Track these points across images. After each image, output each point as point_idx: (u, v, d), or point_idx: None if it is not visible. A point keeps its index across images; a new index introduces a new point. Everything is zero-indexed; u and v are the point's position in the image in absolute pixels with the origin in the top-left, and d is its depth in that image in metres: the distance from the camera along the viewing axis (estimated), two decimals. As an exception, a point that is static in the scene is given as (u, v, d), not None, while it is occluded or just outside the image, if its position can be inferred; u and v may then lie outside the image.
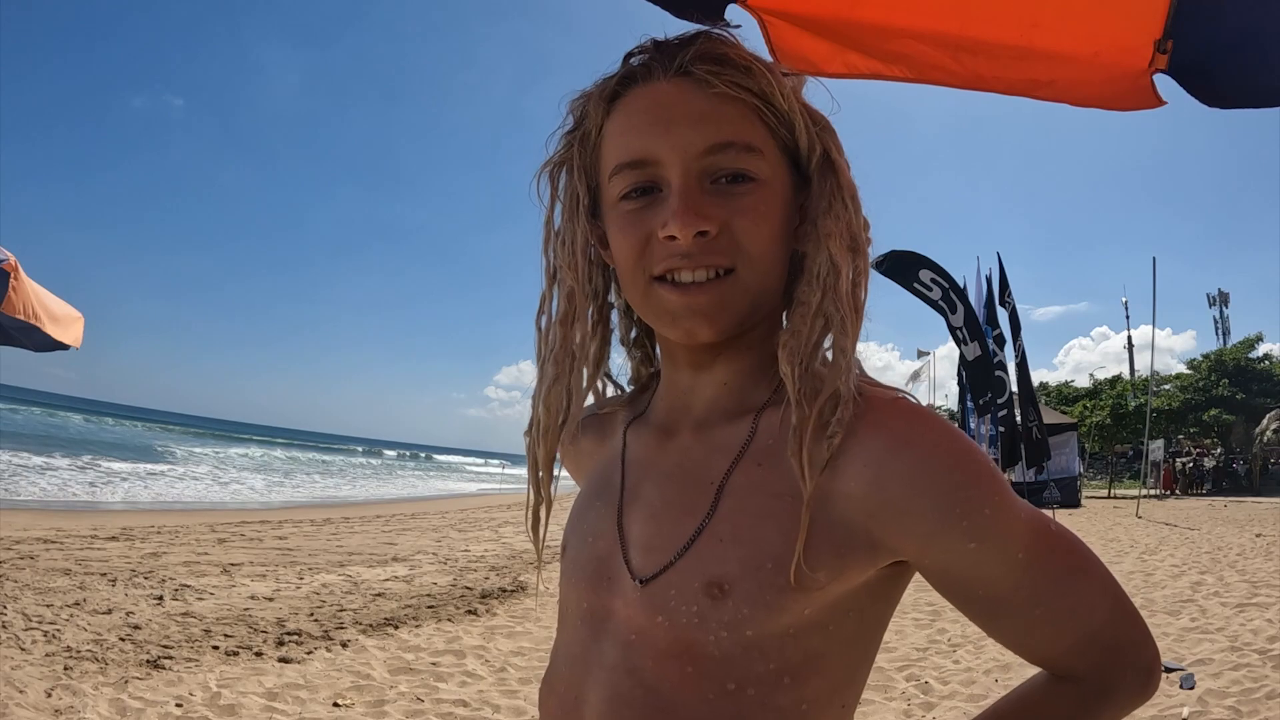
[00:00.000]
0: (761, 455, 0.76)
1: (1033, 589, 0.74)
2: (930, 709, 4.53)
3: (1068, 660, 0.77)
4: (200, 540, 10.91)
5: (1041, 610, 0.74)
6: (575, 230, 0.84)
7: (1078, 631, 0.76)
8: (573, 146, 0.85)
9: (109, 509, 15.83)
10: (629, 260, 0.78)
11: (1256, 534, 14.13)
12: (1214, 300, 58.86)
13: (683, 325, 0.77)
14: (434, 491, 33.99)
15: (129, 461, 29.09)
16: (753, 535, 0.72)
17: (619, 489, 0.85)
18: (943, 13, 1.29)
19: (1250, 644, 5.73)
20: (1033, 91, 1.34)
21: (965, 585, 0.74)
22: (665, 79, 0.78)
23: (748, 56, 0.78)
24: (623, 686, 0.74)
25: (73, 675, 4.62)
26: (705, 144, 0.75)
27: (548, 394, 0.86)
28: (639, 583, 0.76)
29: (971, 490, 0.70)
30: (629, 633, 0.76)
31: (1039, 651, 0.78)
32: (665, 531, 0.77)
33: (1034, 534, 0.74)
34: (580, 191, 0.84)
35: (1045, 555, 0.74)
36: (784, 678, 0.71)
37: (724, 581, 0.71)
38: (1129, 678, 0.77)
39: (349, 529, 13.80)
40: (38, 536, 9.98)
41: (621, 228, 0.79)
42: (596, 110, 0.82)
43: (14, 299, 4.47)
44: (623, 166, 0.78)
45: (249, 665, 5.09)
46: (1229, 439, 36.52)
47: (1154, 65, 1.27)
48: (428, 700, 4.57)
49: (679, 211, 0.73)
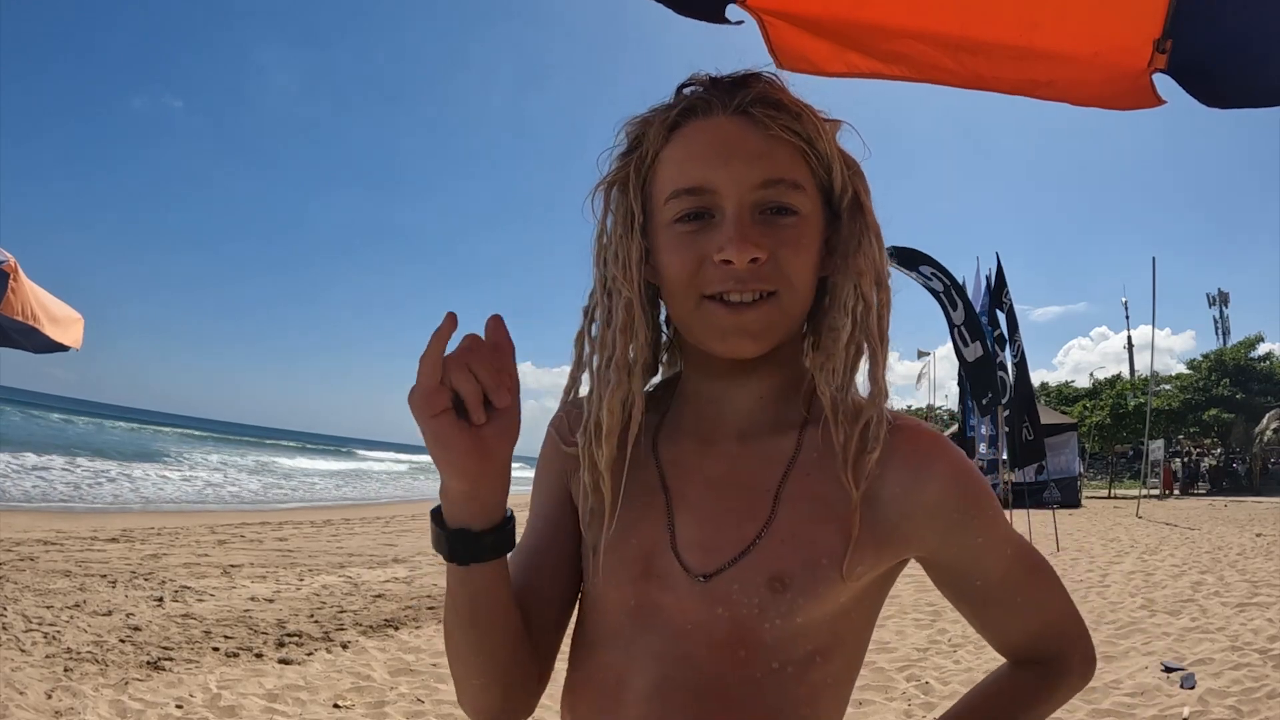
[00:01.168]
0: (810, 467, 0.87)
1: (1015, 581, 0.91)
2: (931, 709, 4.53)
3: (1033, 646, 0.94)
4: (200, 542, 10.92)
5: (1020, 599, 0.92)
6: (631, 245, 0.89)
7: (1043, 619, 0.93)
8: (629, 167, 0.90)
9: (109, 511, 15.83)
10: (681, 278, 0.85)
11: (1257, 533, 14.14)
12: (1214, 300, 58.89)
13: (730, 341, 0.84)
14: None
15: (129, 463, 29.05)
16: (810, 536, 0.83)
17: (663, 492, 0.91)
18: (943, 13, 1.29)
19: (1251, 643, 5.73)
20: (1032, 91, 1.35)
21: (967, 576, 0.89)
22: (725, 115, 0.85)
23: (800, 103, 0.86)
24: (673, 671, 0.83)
25: (73, 677, 4.62)
26: (760, 179, 0.83)
27: (611, 399, 0.89)
28: (701, 579, 0.84)
29: (982, 497, 0.86)
30: (683, 624, 0.84)
31: (1011, 638, 0.95)
32: (724, 533, 0.85)
33: (1017, 539, 0.91)
34: (635, 210, 0.89)
35: (1024, 557, 0.91)
36: (816, 656, 0.83)
37: (785, 576, 0.81)
38: (1076, 664, 0.95)
39: (349, 530, 13.81)
40: (38, 538, 9.98)
41: (676, 248, 0.85)
42: (657, 136, 0.88)
43: (13, 300, 4.47)
44: (681, 192, 0.84)
45: (249, 667, 5.09)
46: (1229, 439, 36.51)
47: (1153, 65, 1.27)
48: (428, 701, 4.57)
49: (736, 239, 0.81)
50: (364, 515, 17.72)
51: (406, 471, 53.85)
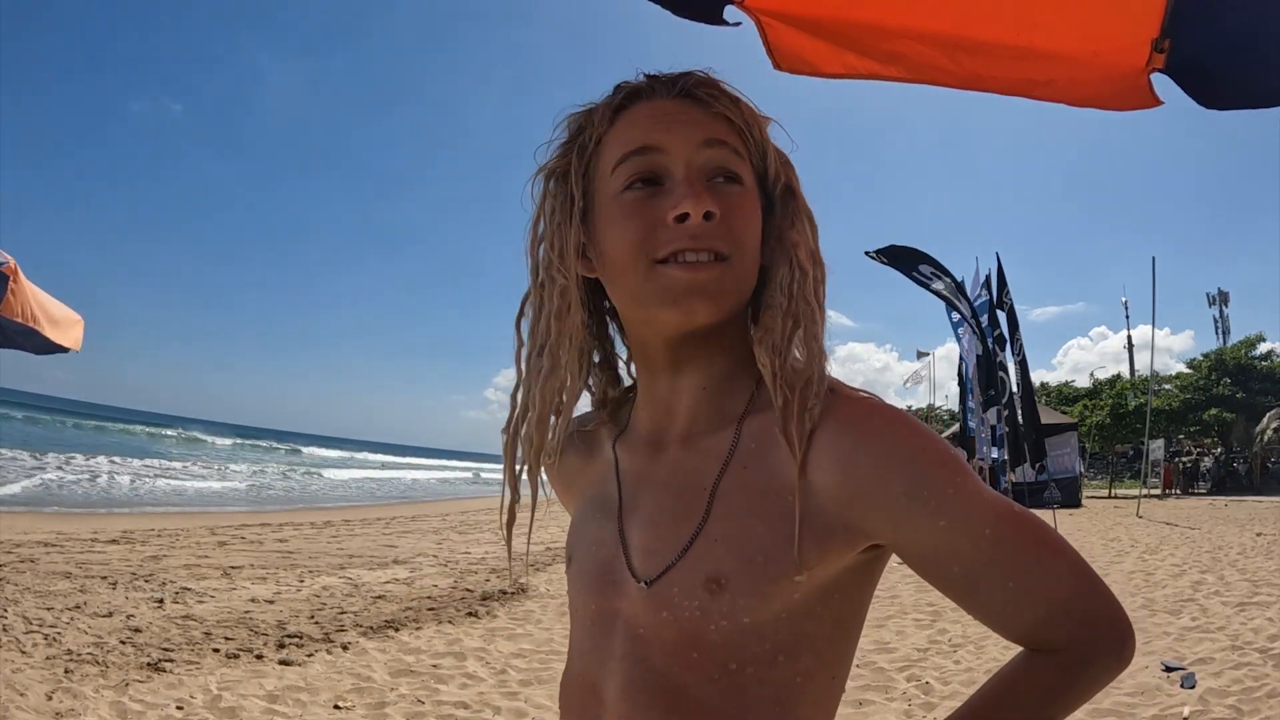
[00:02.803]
0: (747, 458, 0.84)
1: (1003, 563, 0.79)
2: (931, 709, 4.53)
3: (1043, 633, 0.81)
4: (201, 543, 10.92)
5: (1014, 583, 0.79)
6: (569, 231, 0.89)
7: (1049, 603, 0.80)
8: (570, 154, 0.90)
9: (109, 512, 15.82)
10: (631, 245, 0.83)
11: (1257, 533, 14.14)
12: (1214, 300, 58.81)
13: (684, 304, 0.82)
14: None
15: (127, 465, 29.06)
16: (744, 532, 0.80)
17: (617, 500, 0.92)
18: (941, 13, 1.29)
19: (1251, 643, 5.73)
20: (1030, 91, 1.35)
21: (940, 562, 0.80)
22: (667, 97, 0.86)
23: (735, 91, 0.87)
24: (635, 674, 0.82)
25: (73, 678, 4.62)
26: (703, 136, 0.83)
27: (544, 384, 0.90)
28: (644, 584, 0.83)
29: (935, 473, 0.77)
30: (637, 628, 0.83)
31: (1015, 625, 0.82)
32: (664, 536, 0.85)
33: (998, 513, 0.79)
34: (576, 195, 0.89)
35: (1011, 532, 0.79)
36: (778, 655, 0.79)
37: (721, 576, 0.79)
38: (1103, 647, 0.81)
39: (349, 532, 13.80)
40: (38, 540, 9.99)
41: (626, 214, 0.84)
42: (601, 120, 0.88)
43: (13, 302, 4.47)
44: (629, 155, 0.84)
45: (249, 668, 5.09)
46: (1229, 438, 36.49)
47: (1151, 65, 1.27)
48: (428, 702, 4.57)
49: (691, 193, 0.80)
50: (364, 516, 17.71)
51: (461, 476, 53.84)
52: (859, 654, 5.61)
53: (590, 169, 0.89)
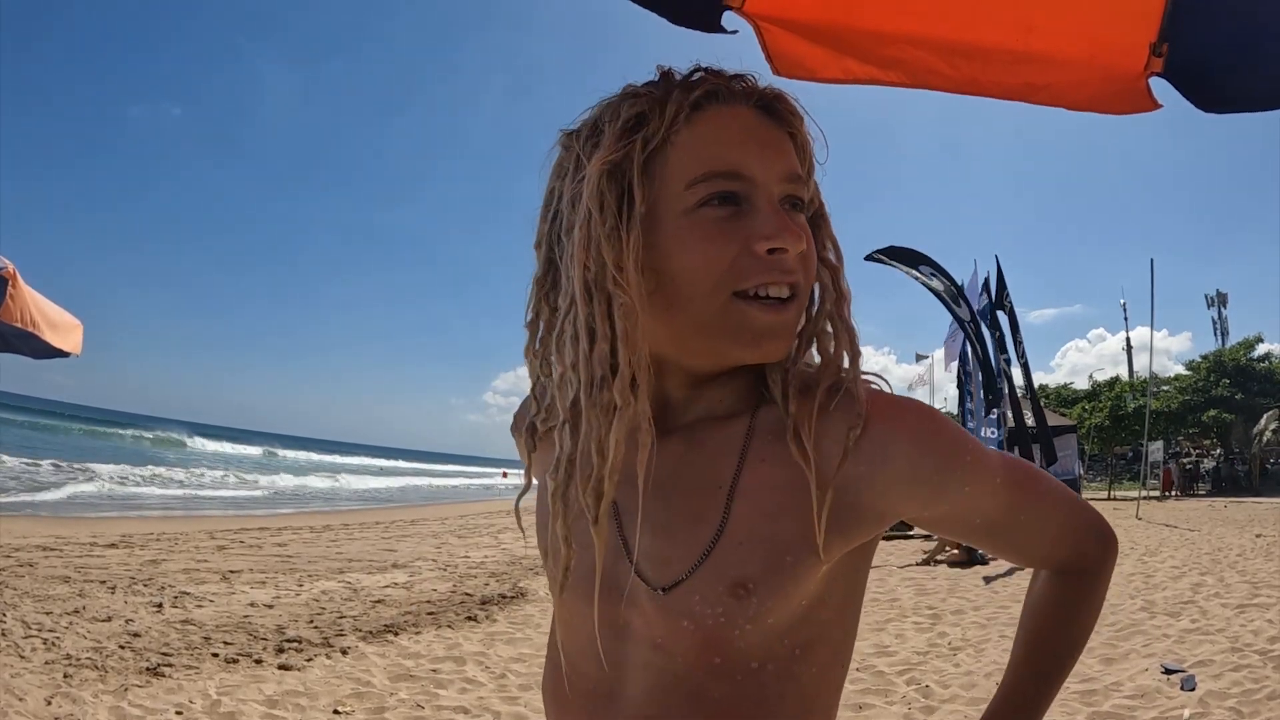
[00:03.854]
0: (765, 453, 0.81)
1: (1015, 503, 0.87)
2: (931, 713, 4.52)
3: (1055, 551, 0.93)
4: (199, 547, 10.90)
5: (1026, 516, 0.89)
6: (631, 237, 0.76)
7: (1056, 525, 0.92)
8: (632, 148, 0.77)
9: (108, 516, 15.80)
10: (713, 272, 0.76)
11: (1256, 534, 14.13)
12: (1212, 301, 58.82)
13: (763, 345, 0.78)
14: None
15: (125, 469, 29.03)
16: (770, 533, 0.78)
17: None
18: (939, 18, 1.30)
19: (1251, 645, 5.72)
20: (1028, 95, 1.35)
21: (965, 520, 0.86)
22: (747, 105, 0.81)
23: (803, 110, 0.84)
24: (657, 681, 0.80)
25: (72, 683, 4.61)
26: (787, 171, 0.80)
27: (616, 429, 0.77)
28: (660, 592, 0.79)
29: (955, 447, 0.81)
30: (654, 637, 0.80)
31: (1033, 551, 0.94)
32: (678, 543, 0.80)
33: (1004, 463, 0.87)
34: (639, 197, 0.77)
35: (1017, 475, 0.88)
36: (796, 650, 0.79)
37: (748, 581, 0.76)
38: (1099, 548, 0.95)
39: (348, 535, 13.79)
40: (37, 544, 9.97)
41: (707, 236, 0.76)
42: (675, 117, 0.78)
43: (12, 306, 4.47)
44: (715, 175, 0.76)
45: (249, 672, 5.08)
46: (1229, 440, 36.50)
47: (1149, 68, 1.27)
48: (428, 707, 4.56)
49: (786, 225, 0.76)
50: (363, 520, 17.70)
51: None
52: (859, 657, 5.62)
53: (653, 169, 0.78)
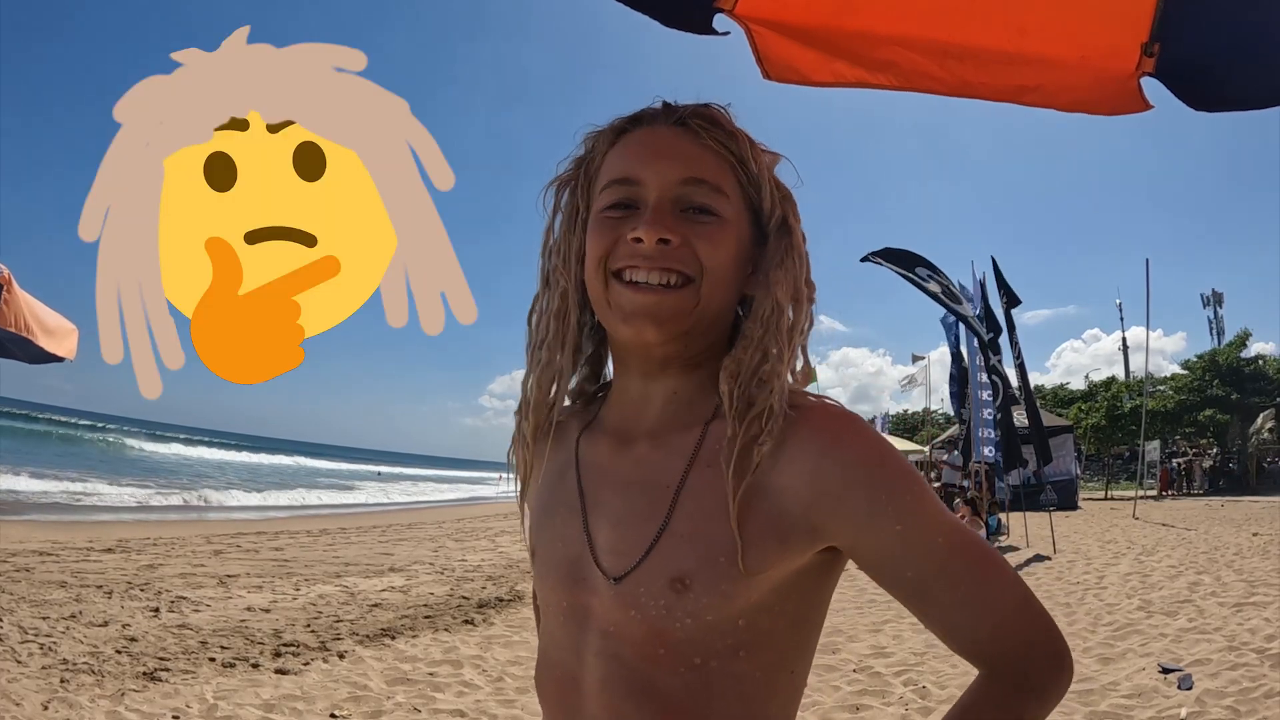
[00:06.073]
0: (711, 459, 0.88)
1: (953, 574, 0.84)
2: (928, 714, 4.52)
3: (988, 648, 0.86)
4: (196, 552, 10.87)
5: (962, 594, 0.84)
6: (572, 240, 0.97)
7: (994, 618, 0.85)
8: (579, 169, 0.98)
9: (104, 521, 15.76)
10: (595, 256, 0.91)
11: (1253, 533, 14.15)
12: (1208, 300, 58.86)
13: (634, 324, 0.88)
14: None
15: (125, 472, 28.95)
16: (707, 532, 0.84)
17: (579, 495, 0.96)
18: (931, 20, 1.30)
19: (1248, 643, 5.73)
20: (1019, 97, 1.35)
21: (895, 566, 0.85)
22: (664, 125, 0.93)
23: (734, 127, 0.92)
24: (610, 670, 0.87)
25: (69, 688, 4.60)
26: (682, 175, 0.89)
27: (540, 375, 0.99)
28: (612, 581, 0.87)
29: (895, 480, 0.83)
30: (607, 625, 0.88)
31: (962, 636, 0.87)
32: (630, 535, 0.88)
33: (953, 527, 0.86)
34: (580, 207, 0.97)
35: (963, 547, 0.85)
36: (739, 651, 0.84)
37: (685, 576, 0.83)
38: (1042, 664, 0.85)
39: (345, 540, 13.76)
40: (33, 549, 9.94)
41: (597, 229, 0.92)
42: (603, 141, 0.96)
43: (6, 311, 4.46)
44: (612, 183, 0.92)
45: (246, 677, 5.07)
46: (1225, 439, 36.55)
47: (1141, 68, 1.28)
48: (425, 710, 4.56)
49: (649, 219, 0.87)
50: (360, 524, 17.66)
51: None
52: (856, 659, 5.62)
53: (591, 184, 0.97)
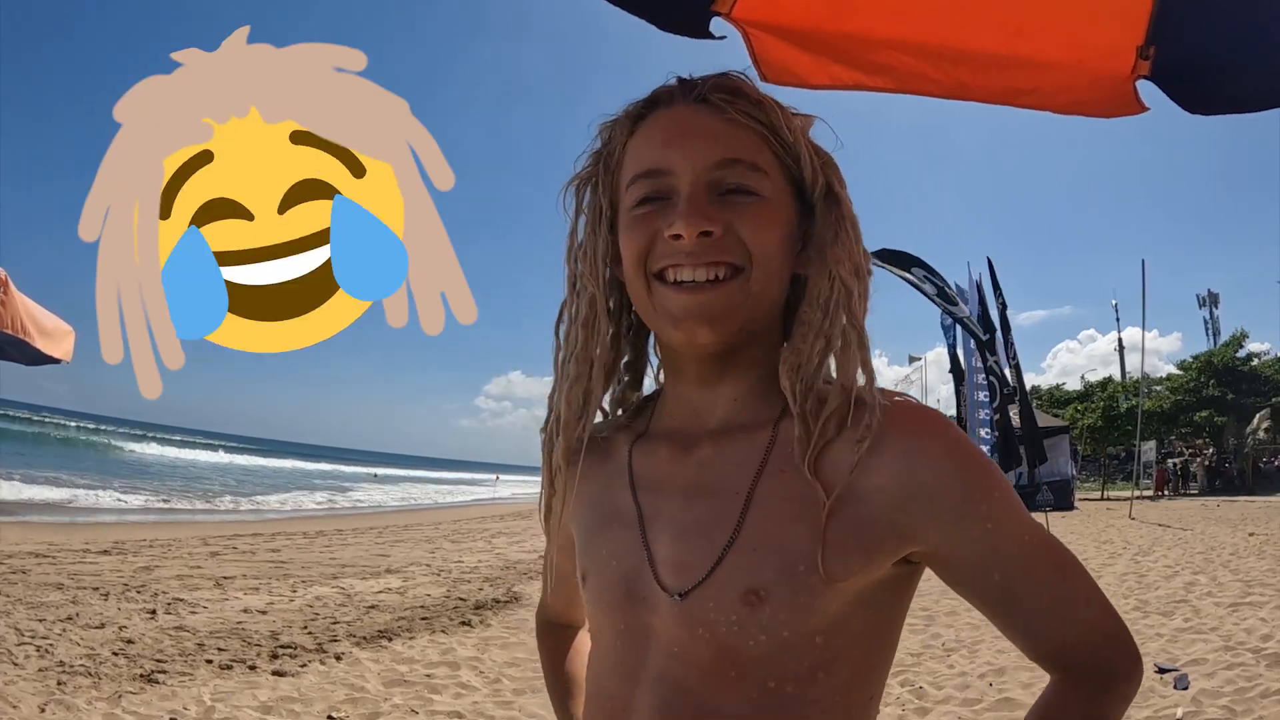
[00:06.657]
0: (785, 463, 0.81)
1: (1039, 575, 0.80)
2: (925, 714, 4.53)
3: (1071, 654, 0.81)
4: (193, 554, 10.85)
5: (1051, 596, 0.80)
6: (598, 241, 0.90)
7: (1080, 619, 0.81)
8: (599, 164, 0.91)
9: (101, 523, 15.73)
10: (633, 259, 0.84)
11: (1249, 533, 14.17)
12: (1204, 301, 59.07)
13: (685, 328, 0.81)
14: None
15: (121, 474, 28.89)
16: (783, 541, 0.77)
17: (634, 508, 0.88)
18: (927, 22, 1.30)
19: (1244, 643, 5.74)
20: (1015, 99, 1.36)
21: (983, 570, 0.79)
22: (684, 104, 0.85)
23: (760, 93, 0.85)
24: (671, 695, 0.79)
25: (66, 690, 4.59)
26: (715, 158, 0.82)
27: (569, 391, 0.90)
28: (676, 597, 0.80)
29: (986, 478, 0.78)
30: (671, 645, 0.80)
31: (1046, 641, 0.81)
32: (695, 547, 0.81)
33: (1035, 527, 0.81)
34: (603, 205, 0.90)
35: (1046, 547, 0.81)
36: (818, 672, 0.77)
37: (760, 589, 0.76)
38: (1124, 671, 0.82)
39: (342, 541, 13.74)
40: (30, 550, 9.92)
41: (630, 229, 0.85)
42: (621, 131, 0.89)
43: (3, 313, 4.45)
44: (639, 176, 0.84)
45: (243, 679, 5.06)
46: (1221, 439, 36.62)
47: (1136, 71, 1.28)
48: (422, 712, 4.55)
49: (684, 211, 0.80)
50: (356, 526, 17.63)
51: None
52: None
53: (615, 179, 0.89)
